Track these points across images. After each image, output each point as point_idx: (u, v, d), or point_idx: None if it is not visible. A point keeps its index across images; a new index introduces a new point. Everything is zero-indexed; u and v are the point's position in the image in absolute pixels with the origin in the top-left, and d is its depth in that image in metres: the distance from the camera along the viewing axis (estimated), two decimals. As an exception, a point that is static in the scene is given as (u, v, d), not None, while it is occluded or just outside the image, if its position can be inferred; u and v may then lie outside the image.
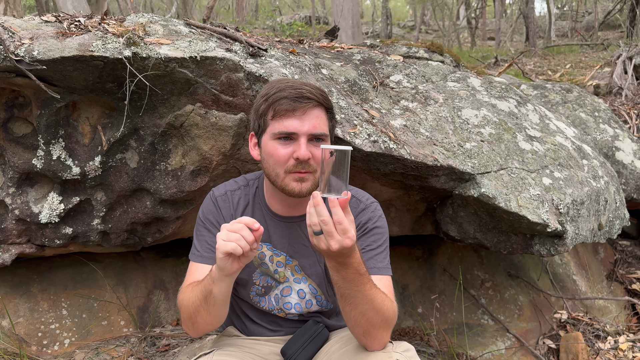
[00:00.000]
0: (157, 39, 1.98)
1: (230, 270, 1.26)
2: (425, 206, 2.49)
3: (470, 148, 2.23)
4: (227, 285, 1.33)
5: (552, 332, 2.87)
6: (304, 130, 1.39)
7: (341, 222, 1.16)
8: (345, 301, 1.30)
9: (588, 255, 3.46)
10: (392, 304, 1.35)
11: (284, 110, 1.39)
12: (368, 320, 1.31)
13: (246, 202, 1.60)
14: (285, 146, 1.40)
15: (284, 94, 1.39)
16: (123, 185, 2.16)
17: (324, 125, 1.43)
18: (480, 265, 3.02)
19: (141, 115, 2.06)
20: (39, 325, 2.39)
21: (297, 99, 1.38)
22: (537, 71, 7.50)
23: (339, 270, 1.25)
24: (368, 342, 1.36)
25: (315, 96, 1.40)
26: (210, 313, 1.38)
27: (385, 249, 1.52)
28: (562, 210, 2.18)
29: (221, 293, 1.34)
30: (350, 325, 1.36)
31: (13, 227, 2.16)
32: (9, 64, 1.79)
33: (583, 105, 3.56)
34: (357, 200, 1.58)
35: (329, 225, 1.15)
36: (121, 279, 2.60)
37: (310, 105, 1.40)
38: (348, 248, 1.17)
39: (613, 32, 12.72)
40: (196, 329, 1.44)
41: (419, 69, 2.65)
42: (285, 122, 1.39)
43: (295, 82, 1.44)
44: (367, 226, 1.53)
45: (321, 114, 1.43)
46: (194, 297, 1.39)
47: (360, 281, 1.26)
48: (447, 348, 2.61)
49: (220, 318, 1.42)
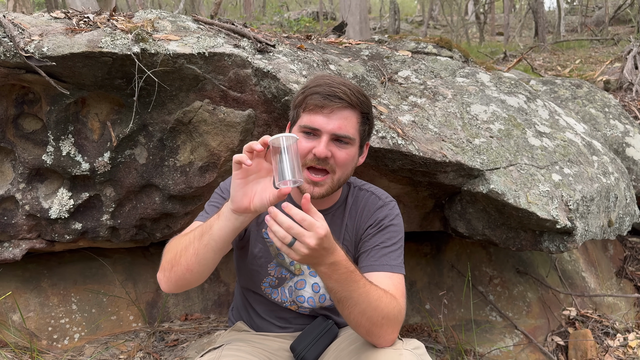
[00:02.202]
0: (166, 35, 1.99)
1: (240, 201, 1.21)
2: (433, 202, 2.48)
3: (479, 144, 2.22)
4: (231, 227, 1.27)
5: (561, 329, 2.86)
6: (328, 129, 1.39)
7: (304, 218, 1.12)
8: (343, 305, 1.27)
9: (597, 252, 3.43)
10: (392, 300, 1.32)
11: (314, 105, 1.39)
12: (369, 319, 1.28)
13: None
14: (308, 140, 1.41)
15: (318, 90, 1.40)
16: (132, 181, 2.17)
17: (352, 127, 1.42)
18: (488, 262, 3.01)
19: (150, 112, 2.07)
20: (49, 320, 2.42)
21: (328, 96, 1.38)
22: (546, 67, 7.44)
23: (331, 275, 1.21)
24: (374, 341, 1.35)
25: (348, 97, 1.39)
26: (198, 255, 1.31)
27: (400, 247, 1.51)
28: (571, 207, 2.17)
29: (221, 232, 1.27)
30: (353, 327, 1.34)
31: (23, 223, 2.17)
32: (19, 60, 1.80)
33: (593, 101, 3.53)
34: (376, 197, 1.59)
35: (294, 227, 1.11)
36: (130, 274, 2.61)
37: (340, 106, 1.39)
38: (323, 237, 1.13)
39: (623, 27, 12.59)
40: (173, 273, 1.36)
41: (427, 65, 2.63)
42: (312, 117, 1.40)
43: (335, 80, 1.43)
44: (383, 223, 1.53)
45: (351, 116, 1.42)
46: (187, 238, 1.35)
47: (352, 279, 1.24)
48: (455, 344, 2.60)
49: (201, 270, 1.33)
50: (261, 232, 1.59)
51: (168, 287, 1.40)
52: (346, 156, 1.42)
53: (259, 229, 1.60)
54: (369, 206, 1.57)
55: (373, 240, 1.50)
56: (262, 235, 1.59)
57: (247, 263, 1.64)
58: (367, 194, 1.60)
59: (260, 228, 1.60)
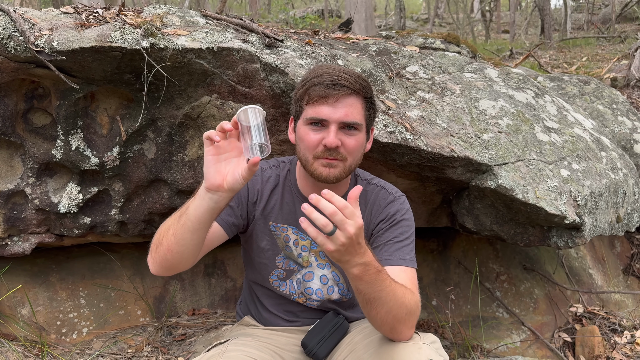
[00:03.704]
0: (175, 30, 1.99)
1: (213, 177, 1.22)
2: (441, 198, 2.48)
3: (488, 139, 2.22)
4: (206, 206, 1.26)
5: (568, 326, 2.85)
6: (335, 118, 1.39)
7: (346, 206, 1.10)
8: (372, 305, 1.26)
9: (604, 249, 3.42)
10: (412, 294, 1.33)
11: (318, 96, 1.39)
12: (394, 317, 1.28)
13: (275, 183, 1.60)
14: (316, 132, 1.41)
15: (319, 80, 1.39)
16: (141, 176, 2.18)
17: (358, 113, 1.42)
18: (495, 258, 3.01)
19: (159, 106, 2.07)
20: (58, 314, 2.43)
21: (331, 85, 1.38)
22: (553, 64, 7.41)
23: (362, 276, 1.19)
24: (395, 336, 1.35)
25: (350, 84, 1.39)
26: (176, 236, 1.31)
27: (412, 242, 1.52)
28: (580, 202, 2.16)
29: (196, 212, 1.27)
30: (376, 326, 1.33)
31: (33, 217, 2.18)
32: (29, 54, 1.81)
33: (601, 98, 3.52)
34: (387, 191, 1.59)
35: (337, 214, 1.08)
36: (138, 269, 2.62)
37: (344, 93, 1.39)
38: (361, 227, 1.12)
39: (630, 24, 12.52)
40: (157, 254, 1.37)
41: (435, 60, 2.63)
42: (317, 108, 1.39)
43: (334, 68, 1.42)
44: (395, 218, 1.53)
45: (356, 102, 1.42)
46: (170, 219, 1.37)
47: (381, 279, 1.23)
48: (462, 340, 2.60)
49: (181, 250, 1.33)
50: (268, 225, 1.59)
51: (154, 268, 1.42)
52: (355, 143, 1.43)
53: (266, 221, 1.60)
54: (379, 201, 1.57)
55: (386, 235, 1.50)
56: (269, 228, 1.60)
57: (254, 256, 1.64)
58: (376, 188, 1.60)
59: (267, 221, 1.60)
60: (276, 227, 1.59)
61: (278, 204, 1.59)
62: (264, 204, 1.59)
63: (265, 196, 1.59)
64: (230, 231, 1.55)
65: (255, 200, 1.59)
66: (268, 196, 1.59)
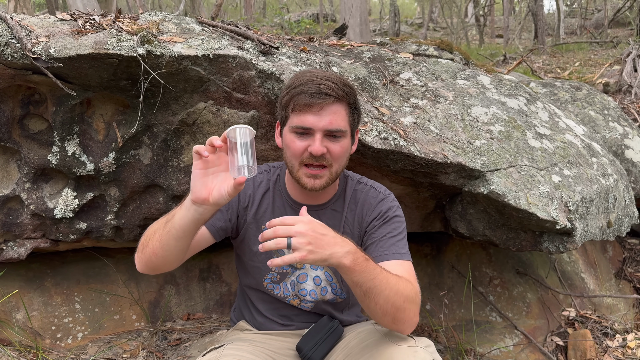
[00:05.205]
0: (171, 37, 2.01)
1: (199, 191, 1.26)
2: (434, 203, 2.50)
3: (480, 145, 2.25)
4: (191, 218, 1.30)
5: (560, 330, 2.88)
6: (320, 126, 1.42)
7: (283, 219, 1.22)
8: (369, 296, 1.30)
9: (597, 254, 3.46)
10: (408, 283, 1.36)
11: (302, 104, 1.41)
12: (393, 305, 1.31)
13: (267, 187, 1.64)
14: (301, 139, 1.44)
15: (303, 89, 1.41)
16: (136, 182, 2.19)
17: (342, 120, 1.45)
18: (488, 263, 3.03)
19: (154, 112, 2.09)
20: (53, 319, 2.43)
21: (315, 94, 1.40)
22: (546, 69, 7.47)
23: (353, 267, 1.25)
24: (399, 327, 1.38)
25: (334, 92, 1.41)
26: (161, 241, 1.36)
27: (405, 237, 1.57)
28: (571, 208, 2.19)
29: (181, 222, 1.32)
30: (378, 318, 1.36)
31: (28, 222, 2.19)
32: (26, 61, 1.82)
33: (592, 104, 3.56)
34: (376, 190, 1.64)
35: (278, 229, 1.20)
36: (133, 273, 2.63)
37: (328, 102, 1.41)
38: (309, 221, 1.22)
39: (623, 29, 12.63)
40: (143, 255, 1.43)
41: (428, 67, 2.66)
42: (302, 117, 1.42)
43: (318, 75, 1.44)
44: (388, 215, 1.58)
45: (340, 109, 1.45)
46: (158, 223, 1.42)
47: (371, 266, 1.29)
48: (455, 344, 2.63)
49: (165, 255, 1.39)
50: (261, 229, 1.62)
51: (140, 267, 1.48)
52: (340, 149, 1.46)
53: (258, 225, 1.62)
54: (369, 199, 1.62)
55: (380, 232, 1.55)
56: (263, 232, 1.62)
57: (247, 261, 1.67)
58: (365, 187, 1.65)
59: (259, 225, 1.62)
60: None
61: (270, 208, 1.63)
62: (256, 208, 1.63)
63: (257, 201, 1.63)
64: (218, 235, 1.59)
65: (246, 205, 1.62)
66: (259, 201, 1.63)
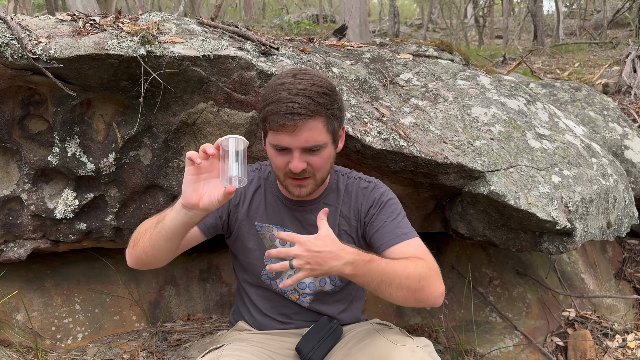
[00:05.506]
0: (171, 38, 2.01)
1: (190, 196, 1.28)
2: (434, 204, 2.51)
3: (480, 146, 2.25)
4: (181, 221, 1.34)
5: (560, 330, 2.88)
6: (296, 145, 1.40)
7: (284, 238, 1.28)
8: (382, 290, 1.34)
9: (596, 254, 3.46)
10: (417, 261, 1.40)
11: (277, 124, 1.38)
12: (408, 289, 1.35)
13: (258, 185, 1.67)
14: (282, 155, 1.45)
15: (276, 109, 1.37)
16: (136, 182, 2.19)
17: (319, 134, 1.41)
18: (488, 263, 3.03)
19: (155, 113, 2.09)
20: (53, 320, 2.43)
21: (287, 115, 1.36)
22: (545, 70, 7.48)
23: (356, 273, 1.31)
24: (427, 303, 1.41)
25: (307, 110, 1.36)
26: (152, 241, 1.40)
27: (404, 216, 1.60)
28: (571, 208, 2.20)
29: (171, 224, 1.35)
30: (401, 303, 1.41)
31: (28, 223, 2.19)
32: (27, 62, 1.82)
33: (592, 104, 3.56)
34: (365, 181, 1.68)
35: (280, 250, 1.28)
36: (133, 274, 2.63)
37: (302, 121, 1.37)
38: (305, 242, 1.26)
39: (622, 30, 12.64)
40: (133, 252, 1.48)
41: (428, 68, 2.66)
42: (278, 136, 1.41)
43: (291, 89, 1.38)
44: (382, 200, 1.61)
45: (316, 124, 1.40)
46: (149, 222, 1.47)
47: (374, 265, 1.32)
48: (455, 344, 2.63)
49: (155, 254, 1.44)
50: (254, 225, 1.64)
51: (130, 263, 1.53)
52: (321, 160, 1.46)
53: (251, 222, 1.65)
54: (361, 191, 1.65)
55: (380, 218, 1.57)
56: (256, 229, 1.65)
57: (242, 258, 1.70)
58: (355, 180, 1.68)
59: (252, 221, 1.65)
60: (262, 226, 1.65)
61: (262, 204, 1.65)
62: (248, 205, 1.65)
63: (248, 198, 1.65)
64: (209, 232, 1.62)
65: (237, 202, 1.65)
66: (251, 197, 1.65)
